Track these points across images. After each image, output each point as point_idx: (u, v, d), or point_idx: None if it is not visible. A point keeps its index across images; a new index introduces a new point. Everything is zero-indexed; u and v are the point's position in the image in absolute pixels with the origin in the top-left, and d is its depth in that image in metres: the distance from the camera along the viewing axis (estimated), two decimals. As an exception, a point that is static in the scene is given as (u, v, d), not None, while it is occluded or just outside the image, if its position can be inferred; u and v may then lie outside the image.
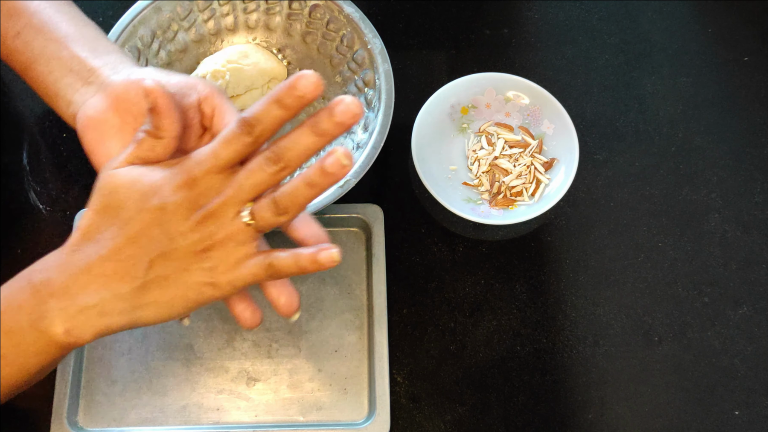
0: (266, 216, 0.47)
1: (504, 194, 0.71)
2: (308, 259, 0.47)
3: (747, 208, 0.73)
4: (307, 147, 0.45)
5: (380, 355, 0.64)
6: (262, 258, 0.48)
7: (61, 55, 0.55)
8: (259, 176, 0.46)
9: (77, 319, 0.47)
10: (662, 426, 0.65)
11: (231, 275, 0.48)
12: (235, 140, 0.46)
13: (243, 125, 0.45)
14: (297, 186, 0.46)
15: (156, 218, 0.46)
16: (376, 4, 0.81)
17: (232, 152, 0.46)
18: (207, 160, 0.46)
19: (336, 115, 0.44)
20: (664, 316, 0.68)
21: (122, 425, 0.64)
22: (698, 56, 0.80)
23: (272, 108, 0.45)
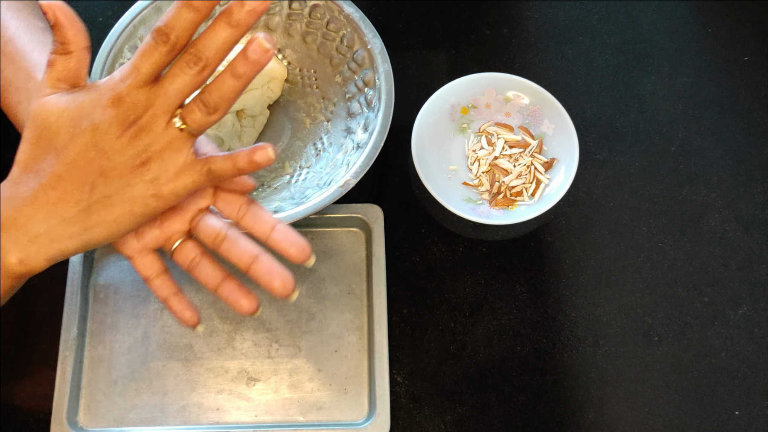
0: (197, 117, 0.47)
1: (504, 194, 0.71)
2: (245, 159, 0.48)
3: (747, 208, 0.73)
4: (224, 41, 0.45)
5: (380, 355, 0.64)
6: (201, 164, 0.48)
7: (28, 86, 0.56)
8: (182, 79, 0.46)
9: (29, 248, 0.48)
10: (662, 426, 0.65)
11: (173, 184, 0.48)
12: (153, 51, 0.46)
13: (157, 35, 0.46)
14: (222, 80, 0.46)
15: (90, 140, 0.46)
16: (376, 4, 0.81)
17: (152, 64, 0.46)
18: (129, 76, 0.46)
19: (246, 4, 0.44)
20: (664, 316, 0.68)
21: (122, 425, 0.64)
22: (698, 56, 0.80)
23: (182, 12, 0.45)
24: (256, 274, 0.51)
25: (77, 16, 0.48)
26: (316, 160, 0.70)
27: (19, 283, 0.50)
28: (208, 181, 0.49)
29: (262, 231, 0.52)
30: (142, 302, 0.67)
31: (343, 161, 0.66)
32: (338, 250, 0.70)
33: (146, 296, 0.68)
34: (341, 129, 0.70)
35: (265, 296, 0.68)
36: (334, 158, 0.68)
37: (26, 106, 0.56)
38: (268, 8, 0.46)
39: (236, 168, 0.48)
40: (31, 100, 0.50)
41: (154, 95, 0.47)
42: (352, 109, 0.70)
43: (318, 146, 0.71)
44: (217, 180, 0.49)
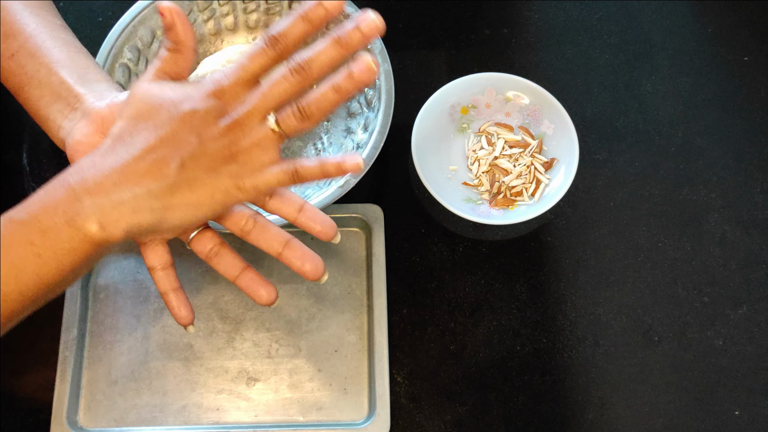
0: (291, 122, 0.49)
1: (504, 194, 0.71)
2: (334, 165, 0.50)
3: (747, 208, 0.73)
4: (330, 59, 0.48)
5: (380, 355, 0.64)
6: (287, 164, 0.50)
7: (51, 80, 0.57)
8: (283, 86, 0.48)
9: (111, 214, 0.48)
10: (662, 426, 0.65)
11: (256, 179, 0.50)
12: (261, 54, 0.48)
13: (269, 40, 0.48)
14: (324, 92, 0.48)
15: (187, 122, 0.48)
16: (376, 4, 0.81)
17: (257, 65, 0.48)
18: (234, 72, 0.48)
19: (362, 28, 0.48)
20: (664, 316, 0.68)
21: (122, 425, 0.64)
22: (698, 56, 0.80)
23: (298, 23, 0.48)
24: (288, 259, 0.53)
25: (189, 20, 0.51)
26: (316, 160, 0.70)
27: (95, 253, 0.50)
28: (291, 182, 0.51)
29: (289, 211, 0.53)
30: (142, 302, 0.67)
31: (343, 161, 0.66)
32: (338, 250, 0.70)
33: (146, 296, 0.68)
34: (341, 129, 0.70)
35: (265, 296, 0.68)
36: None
37: (49, 100, 0.56)
38: (380, 36, 0.50)
39: (323, 173, 0.50)
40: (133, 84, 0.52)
41: (254, 95, 0.49)
42: (352, 109, 0.70)
43: (318, 146, 0.71)
44: (300, 180, 0.51)
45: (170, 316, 0.66)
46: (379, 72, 0.49)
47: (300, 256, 0.53)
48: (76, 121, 0.55)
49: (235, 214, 0.53)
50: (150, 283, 0.68)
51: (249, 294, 0.54)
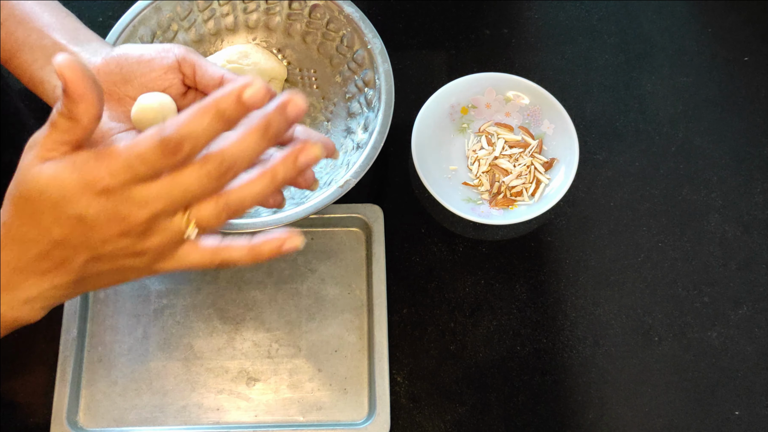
0: (211, 222, 0.43)
1: (504, 194, 0.71)
2: (269, 250, 0.44)
3: (747, 208, 0.73)
4: (256, 152, 0.41)
5: (380, 355, 0.64)
6: (212, 253, 0.44)
7: (43, 44, 0.57)
8: (198, 192, 0.42)
9: (23, 309, 0.46)
10: (662, 426, 0.65)
11: (171, 265, 0.45)
12: (157, 161, 0.40)
13: (166, 147, 0.40)
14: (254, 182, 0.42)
15: (76, 228, 0.42)
16: (376, 4, 0.81)
17: (152, 170, 0.41)
18: (121, 173, 0.41)
19: (289, 116, 0.41)
20: (664, 316, 0.68)
21: (122, 425, 0.64)
22: (698, 56, 0.80)
23: (209, 121, 0.40)
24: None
25: (93, 86, 0.41)
26: (316, 160, 0.70)
27: (17, 327, 0.49)
28: (215, 266, 0.45)
29: None
30: (142, 302, 0.67)
31: (343, 161, 0.66)
32: (338, 250, 0.70)
33: (146, 296, 0.68)
34: (341, 129, 0.70)
35: (265, 297, 0.68)
36: (334, 158, 0.68)
37: (43, 63, 0.57)
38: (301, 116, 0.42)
39: (254, 258, 0.44)
40: (24, 152, 0.44)
41: (156, 194, 0.41)
42: (352, 109, 0.70)
43: (318, 146, 0.71)
44: (225, 265, 0.45)
45: (170, 316, 0.67)
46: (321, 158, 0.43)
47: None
48: None
49: None
50: (150, 283, 0.68)
51: None
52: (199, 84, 0.56)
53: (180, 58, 0.56)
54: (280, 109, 0.41)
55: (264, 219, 0.62)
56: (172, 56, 0.56)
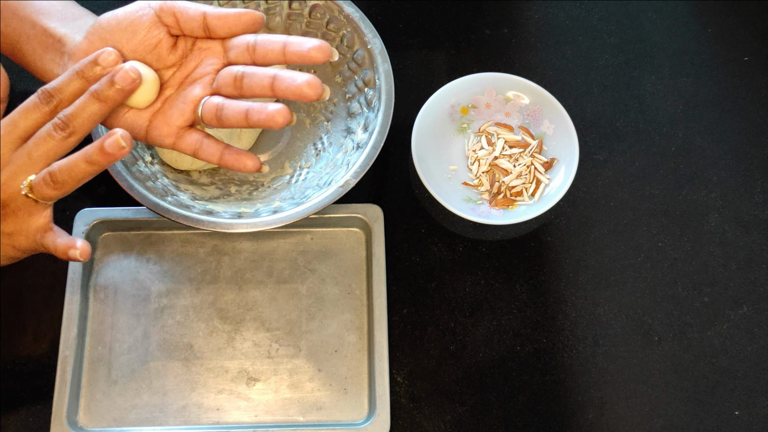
0: (44, 189, 0.50)
1: (504, 194, 0.71)
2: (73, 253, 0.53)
3: (747, 208, 0.73)
4: (92, 113, 0.50)
5: (380, 355, 0.64)
6: (61, 239, 0.53)
7: (36, 33, 0.58)
8: (49, 144, 0.50)
9: None
10: (662, 426, 0.65)
11: (31, 244, 0.53)
12: (35, 109, 0.50)
13: (43, 96, 0.50)
14: (76, 162, 0.50)
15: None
16: (376, 4, 0.81)
17: (31, 121, 0.50)
18: (4, 129, 0.50)
19: (117, 82, 0.50)
20: (664, 316, 0.68)
21: (122, 425, 0.64)
22: (698, 56, 0.80)
23: (71, 78, 0.50)
24: (281, 89, 0.53)
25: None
26: (316, 160, 0.70)
27: None
28: (68, 258, 0.53)
29: (276, 53, 0.53)
30: (142, 302, 0.67)
31: (343, 161, 0.66)
32: (338, 250, 0.70)
33: (146, 296, 0.68)
34: (341, 129, 0.70)
35: (265, 297, 0.68)
36: (334, 158, 0.68)
37: (41, 53, 0.57)
38: (138, 86, 0.52)
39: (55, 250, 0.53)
40: None
41: (18, 155, 0.50)
42: (352, 109, 0.70)
43: (318, 146, 0.71)
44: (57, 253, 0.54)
45: (170, 316, 0.67)
46: (130, 148, 0.50)
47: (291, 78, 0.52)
48: (66, 65, 0.56)
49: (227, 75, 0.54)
50: (150, 283, 0.68)
51: (236, 166, 0.56)
52: (185, 30, 0.55)
53: (158, 9, 0.55)
54: (108, 77, 0.50)
55: (264, 219, 0.62)
56: (150, 12, 0.55)
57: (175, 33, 0.56)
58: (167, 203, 0.62)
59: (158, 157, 0.68)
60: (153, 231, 0.69)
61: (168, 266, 0.68)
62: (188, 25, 0.55)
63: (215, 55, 0.56)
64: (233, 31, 0.55)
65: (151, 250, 0.69)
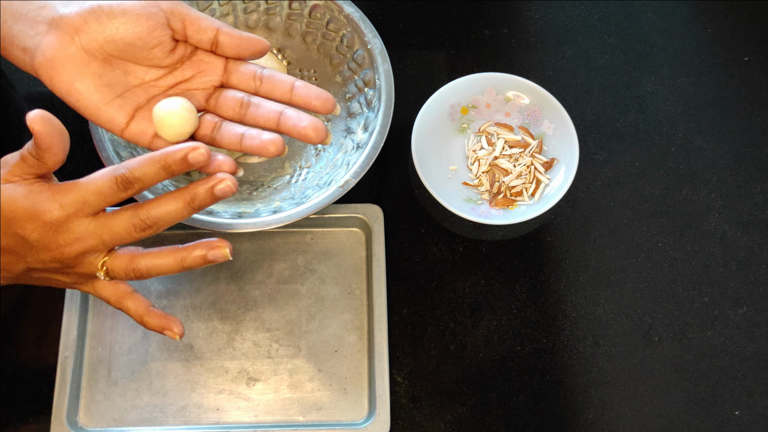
0: (120, 275, 0.51)
1: (504, 194, 0.71)
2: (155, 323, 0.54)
3: (747, 208, 0.73)
4: (178, 217, 0.49)
5: (380, 355, 0.64)
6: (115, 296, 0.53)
7: (11, 5, 0.52)
8: (125, 239, 0.49)
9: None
10: (662, 426, 0.65)
11: (90, 290, 0.53)
12: (110, 194, 0.48)
13: (121, 182, 0.47)
14: (163, 257, 0.50)
15: (19, 244, 0.49)
16: (376, 4, 0.81)
17: (102, 203, 0.48)
18: (73, 205, 0.48)
19: (217, 193, 0.48)
20: (664, 316, 0.68)
21: (122, 425, 0.64)
22: (698, 56, 0.80)
23: (156, 170, 0.48)
24: (286, 126, 0.52)
25: (61, 133, 0.48)
26: (316, 160, 0.70)
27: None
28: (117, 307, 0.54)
29: (283, 92, 0.53)
30: (142, 302, 0.67)
31: (343, 161, 0.66)
32: (338, 250, 0.70)
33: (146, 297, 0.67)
34: (341, 129, 0.70)
35: (265, 297, 0.68)
36: (334, 158, 0.68)
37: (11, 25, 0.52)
38: (227, 194, 0.50)
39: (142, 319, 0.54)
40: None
41: (91, 231, 0.48)
42: (352, 109, 0.70)
43: (318, 146, 0.71)
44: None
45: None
46: (230, 256, 0.50)
47: (297, 120, 0.52)
48: (43, 36, 0.51)
49: (229, 99, 0.54)
50: (150, 284, 0.68)
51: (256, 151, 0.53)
52: (191, 39, 0.54)
53: (168, 11, 0.53)
54: (209, 187, 0.48)
55: (264, 219, 0.62)
56: (159, 12, 0.52)
57: (179, 38, 0.54)
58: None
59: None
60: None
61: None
62: (197, 36, 0.54)
63: (215, 72, 0.55)
64: (241, 53, 0.55)
65: (151, 250, 0.69)
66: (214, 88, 0.55)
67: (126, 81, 0.53)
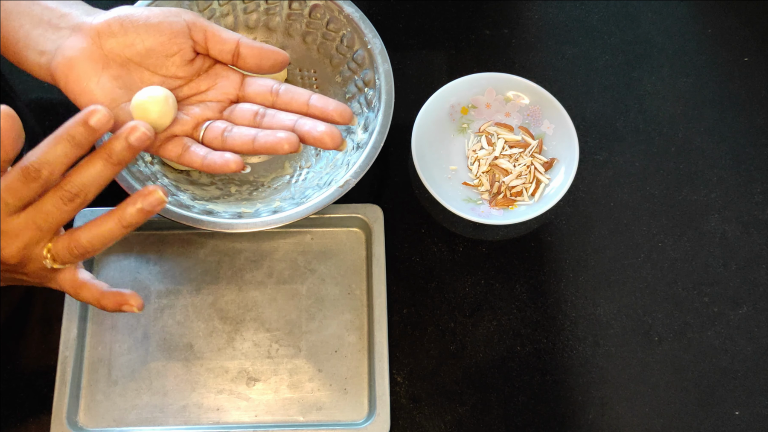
0: (69, 258, 0.49)
1: (504, 194, 0.71)
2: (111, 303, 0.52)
3: (747, 208, 0.73)
4: (104, 177, 0.47)
5: (380, 355, 0.64)
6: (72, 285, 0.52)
7: (31, 10, 0.54)
8: (57, 216, 0.47)
9: None
10: (662, 426, 0.65)
11: (56, 286, 0.52)
12: (21, 188, 0.46)
13: (27, 173, 0.45)
14: (106, 227, 0.48)
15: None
16: (376, 4, 0.81)
17: (19, 200, 0.46)
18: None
19: (133, 145, 0.46)
20: (664, 316, 0.68)
21: (122, 425, 0.64)
22: (698, 56, 0.80)
23: (62, 147, 0.45)
24: (301, 131, 0.52)
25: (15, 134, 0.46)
26: (316, 160, 0.70)
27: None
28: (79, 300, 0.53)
29: (300, 103, 0.54)
30: (142, 302, 0.67)
31: (343, 161, 0.66)
32: (338, 250, 0.70)
33: (146, 296, 0.67)
34: (341, 129, 0.70)
35: (265, 297, 0.68)
36: (334, 158, 0.68)
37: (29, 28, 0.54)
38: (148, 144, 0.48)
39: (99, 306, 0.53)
40: None
41: (24, 223, 0.47)
42: (352, 108, 0.70)
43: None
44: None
45: (170, 316, 0.67)
46: (165, 203, 0.48)
47: (312, 126, 0.52)
48: (64, 39, 0.53)
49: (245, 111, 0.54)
50: (150, 283, 0.68)
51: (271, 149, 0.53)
52: (212, 51, 0.55)
53: (190, 23, 0.54)
54: (122, 137, 0.46)
55: (264, 219, 0.62)
56: (181, 21, 0.54)
57: (200, 51, 0.55)
58: (167, 203, 0.62)
59: (158, 158, 0.68)
60: (153, 231, 0.69)
61: (168, 266, 0.68)
62: (217, 48, 0.55)
63: (232, 86, 0.55)
64: (261, 64, 0.56)
65: (151, 250, 0.69)
66: (229, 101, 0.55)
67: (141, 88, 0.54)
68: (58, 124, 0.47)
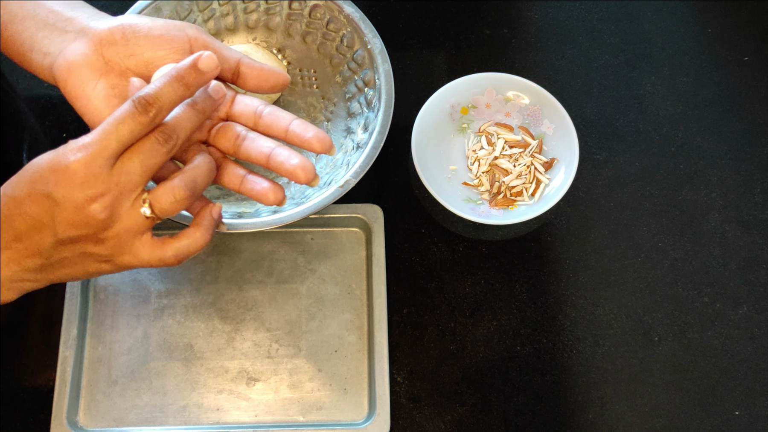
0: (166, 206, 0.48)
1: (504, 194, 0.71)
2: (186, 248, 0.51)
3: (747, 208, 0.73)
4: (192, 125, 0.48)
5: (380, 355, 0.64)
6: (159, 248, 0.50)
7: (36, 12, 0.55)
8: (151, 158, 0.46)
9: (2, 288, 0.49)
10: (662, 426, 0.65)
11: (127, 260, 0.50)
12: (131, 119, 0.45)
13: (141, 104, 0.45)
14: (201, 169, 0.49)
15: (45, 208, 0.46)
16: (376, 4, 0.81)
17: (127, 134, 0.45)
18: (96, 143, 0.45)
19: (212, 96, 0.50)
20: (664, 316, 0.68)
21: (122, 425, 0.64)
22: (698, 56, 0.80)
23: (172, 85, 0.47)
24: (275, 163, 0.52)
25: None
26: (316, 160, 0.70)
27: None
28: (163, 264, 0.50)
29: (279, 128, 0.53)
30: (142, 302, 0.67)
31: (343, 161, 0.66)
32: (338, 250, 0.70)
33: (146, 296, 0.68)
34: (341, 129, 0.70)
35: (265, 297, 0.68)
36: (334, 158, 0.68)
37: (34, 31, 0.54)
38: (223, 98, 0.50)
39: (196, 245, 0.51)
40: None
41: (118, 172, 0.46)
42: (352, 109, 0.70)
43: (318, 146, 0.71)
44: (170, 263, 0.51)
45: (170, 316, 0.67)
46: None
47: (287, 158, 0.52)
48: (68, 43, 0.53)
49: (228, 131, 0.54)
50: (150, 283, 0.68)
51: (256, 196, 0.53)
52: None
53: (192, 38, 0.54)
54: (205, 90, 0.50)
55: (264, 219, 0.62)
56: (184, 36, 0.54)
57: None
58: None
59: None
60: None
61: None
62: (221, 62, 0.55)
63: (225, 105, 0.55)
64: (261, 85, 0.56)
65: (151, 250, 0.69)
66: (219, 119, 0.55)
67: None
68: (58, 124, 0.47)
